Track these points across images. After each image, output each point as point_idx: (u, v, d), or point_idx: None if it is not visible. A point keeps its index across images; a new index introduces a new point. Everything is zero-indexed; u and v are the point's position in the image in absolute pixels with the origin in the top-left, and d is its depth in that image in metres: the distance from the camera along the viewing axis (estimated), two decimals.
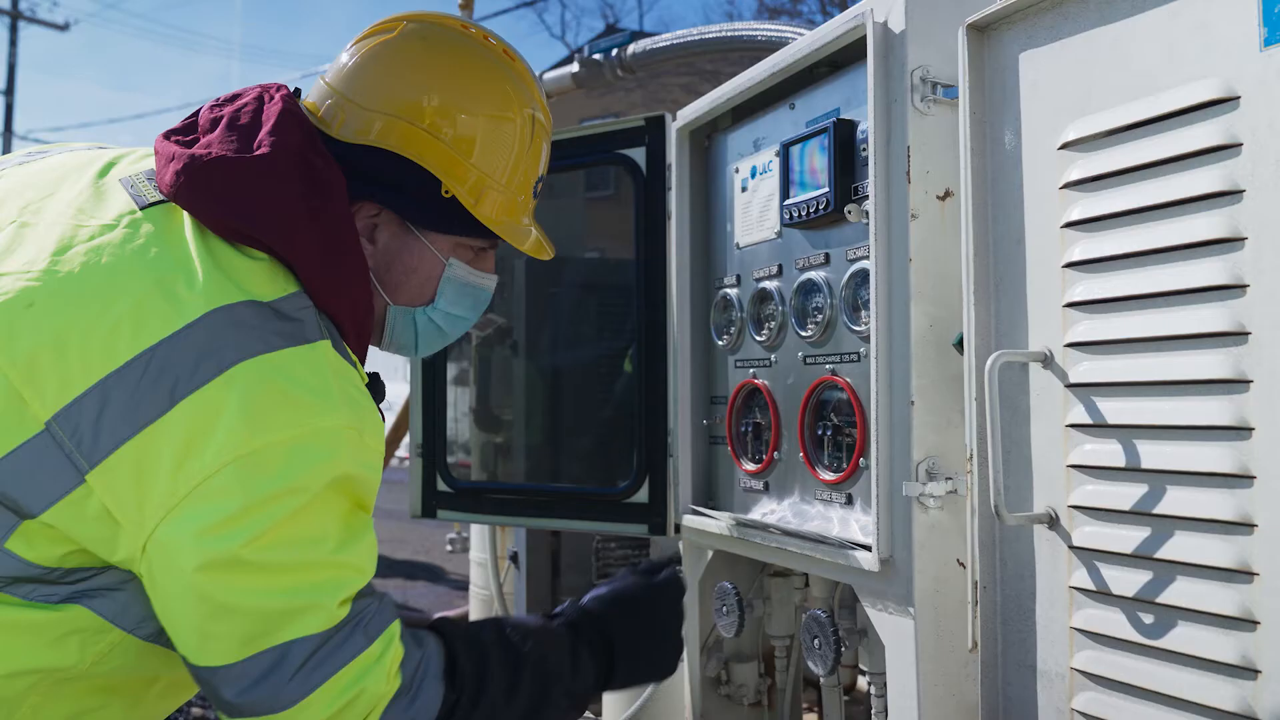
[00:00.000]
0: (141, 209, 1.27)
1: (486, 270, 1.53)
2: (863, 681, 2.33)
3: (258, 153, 1.28)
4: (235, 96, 1.41)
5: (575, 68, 3.63)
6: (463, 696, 1.29)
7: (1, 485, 1.12)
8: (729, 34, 3.25)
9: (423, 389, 2.76)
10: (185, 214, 1.27)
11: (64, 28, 24.49)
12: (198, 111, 1.41)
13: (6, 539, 1.13)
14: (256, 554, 1.12)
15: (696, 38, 3.31)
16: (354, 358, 1.33)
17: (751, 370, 2.13)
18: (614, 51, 3.51)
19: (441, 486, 2.71)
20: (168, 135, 1.36)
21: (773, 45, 3.17)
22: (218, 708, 1.21)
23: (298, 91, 1.47)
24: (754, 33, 3.16)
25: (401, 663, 1.25)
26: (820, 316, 1.89)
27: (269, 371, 1.16)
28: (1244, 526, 1.17)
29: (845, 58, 1.87)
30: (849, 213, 1.77)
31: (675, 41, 3.34)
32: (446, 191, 1.39)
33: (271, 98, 1.39)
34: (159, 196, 1.29)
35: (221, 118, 1.34)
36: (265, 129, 1.31)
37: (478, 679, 1.31)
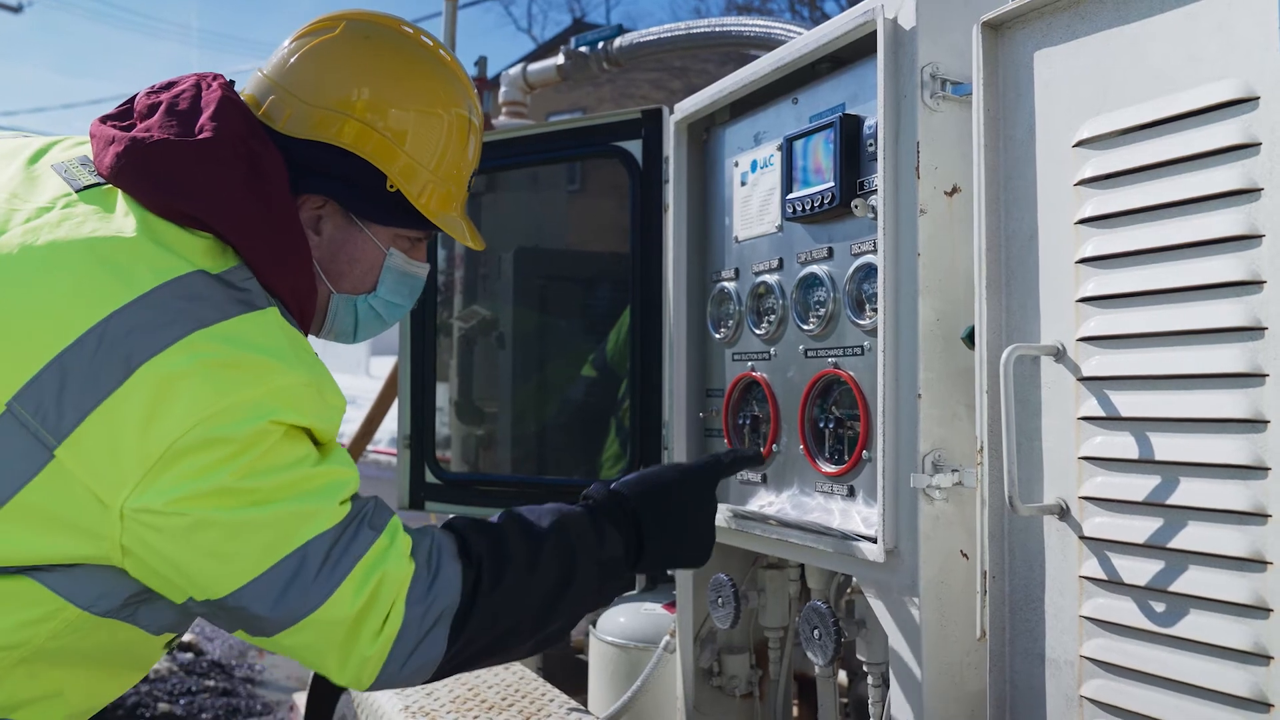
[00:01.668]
0: (77, 192, 1.31)
1: (420, 260, 1.62)
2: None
3: (200, 136, 1.33)
4: (171, 84, 1.45)
5: (561, 60, 3.62)
6: (483, 573, 1.35)
7: None
8: (718, 29, 3.26)
9: (410, 381, 2.75)
10: (123, 195, 1.31)
11: (17, 9, 23.97)
12: (134, 98, 1.45)
13: None
14: (245, 482, 1.19)
15: (684, 32, 3.32)
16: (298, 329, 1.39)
17: (750, 363, 2.14)
18: (600, 44, 3.51)
19: (430, 478, 2.70)
20: (104, 120, 1.40)
21: (760, 41, 3.19)
22: (254, 633, 1.26)
23: (232, 82, 1.51)
24: (743, 28, 3.17)
25: (412, 549, 1.32)
26: (822, 310, 1.91)
27: (226, 336, 1.22)
28: (1258, 517, 1.19)
29: (849, 54, 1.88)
30: (855, 207, 1.79)
31: (663, 36, 3.34)
32: (391, 186, 1.47)
33: (209, 85, 1.43)
34: (95, 180, 1.33)
35: (159, 104, 1.39)
36: (206, 114, 1.36)
37: (496, 556, 1.37)
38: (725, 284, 2.22)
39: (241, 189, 1.32)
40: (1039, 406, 1.47)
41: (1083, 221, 1.40)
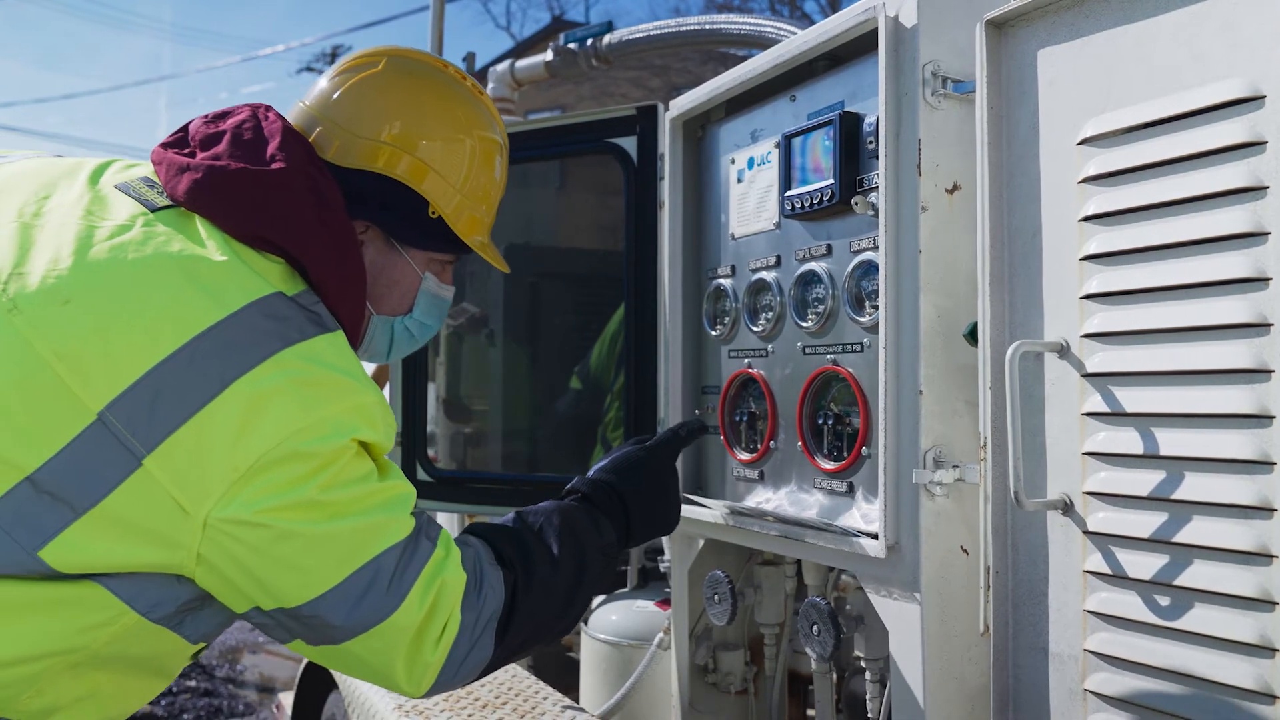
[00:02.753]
0: (152, 211, 1.35)
1: (448, 283, 1.71)
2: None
3: (274, 166, 1.40)
4: (226, 114, 1.52)
5: (550, 56, 3.62)
6: (517, 576, 1.44)
7: (54, 480, 1.16)
8: (708, 27, 3.26)
9: (403, 378, 2.73)
10: (199, 219, 1.36)
11: None
12: (186, 126, 1.51)
13: (49, 542, 1.16)
14: (326, 495, 1.25)
15: (675, 30, 3.32)
16: None
17: (747, 360, 2.14)
18: (589, 41, 3.50)
19: (421, 475, 2.69)
20: (165, 147, 1.45)
21: (751, 39, 3.19)
22: (320, 641, 1.31)
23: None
24: (734, 26, 3.18)
25: (461, 558, 1.39)
26: (821, 307, 1.91)
27: (310, 355, 1.29)
28: (1263, 511, 1.21)
29: (847, 52, 1.89)
30: (855, 204, 1.79)
31: (654, 33, 3.34)
32: (433, 212, 1.56)
33: (266, 116, 1.50)
34: (166, 202, 1.38)
35: (221, 133, 1.45)
36: (273, 145, 1.43)
37: (524, 559, 1.46)
38: (721, 281, 2.22)
39: (312, 216, 1.39)
40: (1042, 402, 1.48)
41: (1087, 219, 1.41)
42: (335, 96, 1.55)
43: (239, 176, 1.36)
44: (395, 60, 1.59)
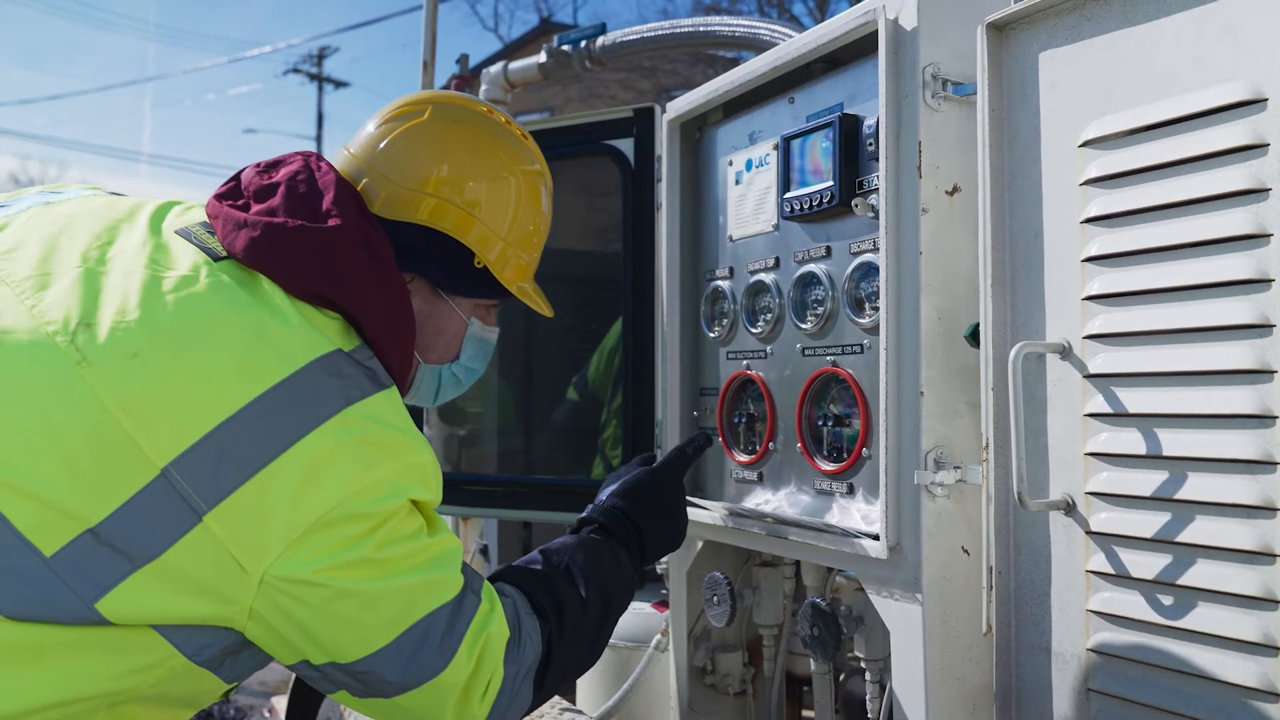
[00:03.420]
0: (215, 260, 1.35)
1: (493, 325, 1.72)
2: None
3: (330, 224, 1.40)
4: (278, 163, 1.53)
5: (543, 58, 3.61)
6: (552, 624, 1.47)
7: (116, 533, 1.16)
8: (702, 29, 3.26)
9: None
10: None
11: None
12: (239, 175, 1.52)
13: (107, 594, 1.16)
14: (381, 553, 1.27)
15: (669, 32, 3.32)
16: None
17: (745, 362, 2.14)
18: (583, 43, 3.50)
19: None
20: (220, 199, 1.45)
21: (746, 41, 3.20)
22: (371, 694, 1.34)
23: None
24: (728, 28, 3.18)
25: (504, 610, 1.42)
26: (821, 309, 1.92)
27: (371, 414, 1.30)
28: (1266, 510, 1.22)
29: (845, 54, 1.90)
30: (855, 206, 1.80)
31: (648, 35, 3.34)
32: (478, 262, 1.57)
33: (319, 167, 1.51)
34: (225, 251, 1.38)
35: (275, 185, 1.45)
36: (328, 199, 1.44)
37: (557, 607, 1.49)
38: (720, 283, 2.23)
39: (367, 273, 1.40)
40: (1045, 403, 1.48)
41: (1088, 221, 1.42)
42: (381, 146, 1.56)
43: (296, 234, 1.37)
44: (440, 108, 1.60)
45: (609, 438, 2.75)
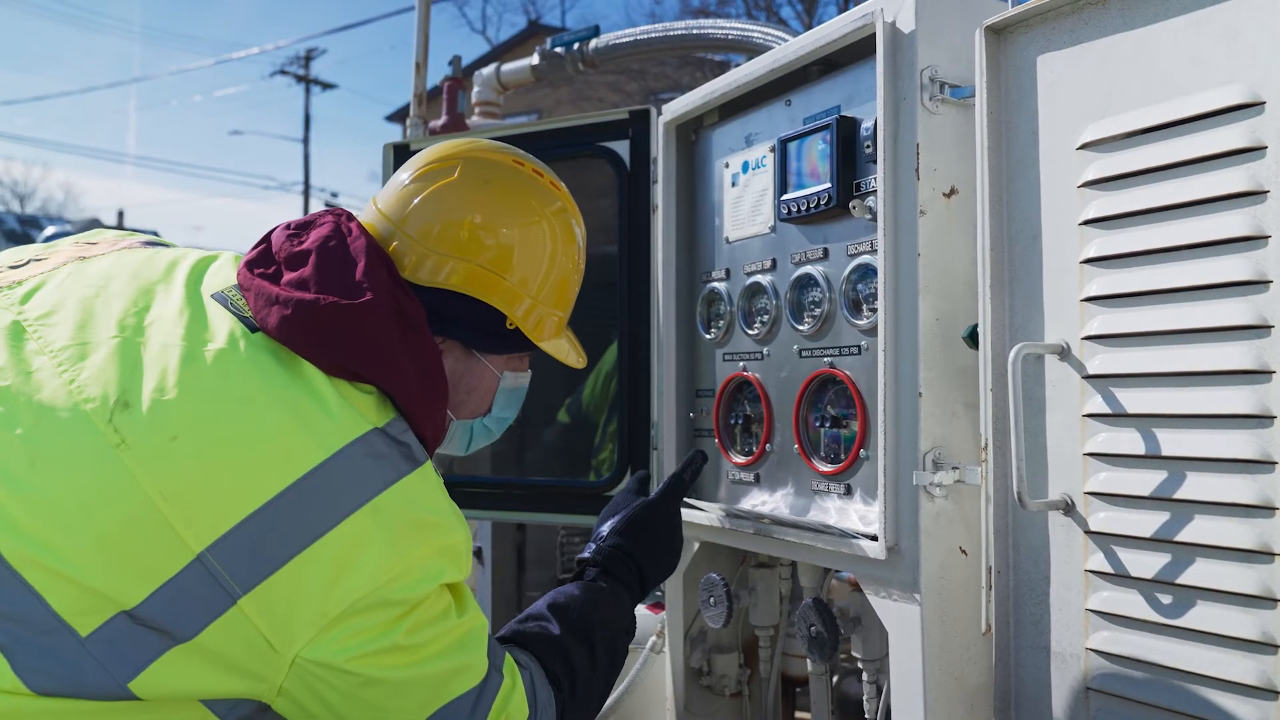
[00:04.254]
0: (251, 331, 1.33)
1: (524, 370, 1.71)
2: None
3: (362, 300, 1.37)
4: (308, 224, 1.50)
5: (536, 60, 3.61)
6: (565, 694, 1.49)
7: (153, 613, 1.16)
8: (695, 32, 3.27)
9: None
10: None
11: None
12: (269, 237, 1.50)
13: (140, 673, 1.16)
14: (410, 638, 1.27)
15: (661, 34, 3.33)
16: None
17: (742, 363, 2.15)
18: (576, 45, 3.51)
19: None
20: (251, 268, 1.42)
21: (739, 44, 3.20)
22: None
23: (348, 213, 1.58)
24: (722, 32, 3.19)
25: (523, 685, 1.43)
26: (818, 310, 1.92)
27: (406, 497, 1.29)
28: (1265, 510, 1.23)
29: (842, 57, 1.90)
30: (853, 208, 1.80)
31: (640, 38, 3.34)
32: (511, 324, 1.56)
33: (349, 230, 1.48)
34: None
35: (306, 253, 1.43)
36: (360, 269, 1.41)
37: (569, 670, 1.51)
38: (716, 284, 2.23)
39: (400, 346, 1.38)
40: (1043, 404, 1.49)
41: (1087, 222, 1.43)
42: (410, 207, 1.53)
43: (329, 312, 1.34)
44: (469, 165, 1.56)
45: (605, 460, 2.75)
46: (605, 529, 1.78)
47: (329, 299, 1.35)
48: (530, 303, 1.57)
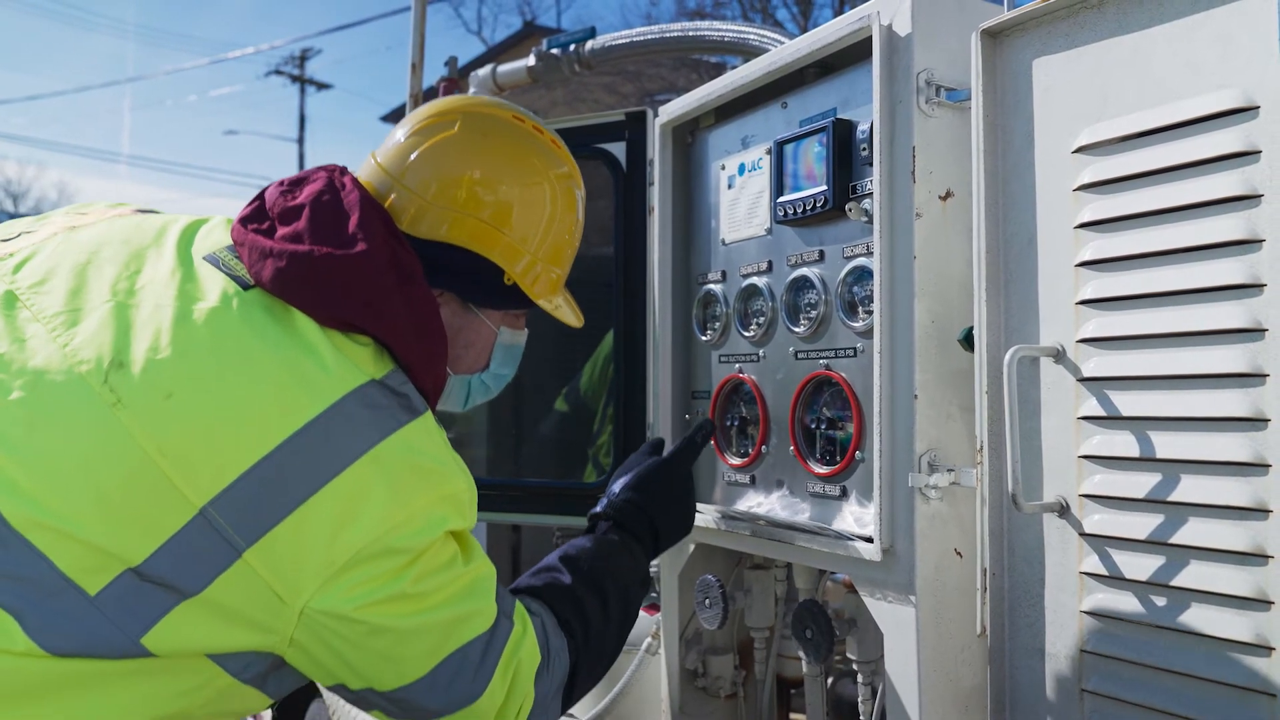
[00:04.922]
0: (244, 289, 1.33)
1: (521, 328, 1.71)
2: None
3: (357, 250, 1.37)
4: (302, 180, 1.50)
5: (532, 61, 3.61)
6: (579, 640, 1.50)
7: (159, 569, 1.17)
8: (692, 34, 3.27)
9: None
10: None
11: None
12: (262, 194, 1.49)
13: (151, 628, 1.17)
14: (417, 586, 1.28)
15: (658, 36, 3.33)
16: None
17: (738, 365, 2.15)
18: (572, 47, 3.50)
19: None
20: (245, 224, 1.43)
21: (735, 46, 3.21)
22: (403, 718, 1.37)
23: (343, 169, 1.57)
24: (718, 33, 3.19)
25: (534, 631, 1.44)
26: (814, 312, 1.93)
27: (406, 445, 1.29)
28: (1259, 512, 1.23)
29: (838, 59, 1.91)
30: (849, 210, 1.81)
31: (637, 39, 3.35)
32: (508, 279, 1.56)
33: (342, 184, 1.48)
34: (253, 279, 1.36)
35: (299, 207, 1.43)
36: (354, 221, 1.41)
37: (582, 621, 1.52)
38: (712, 286, 2.23)
39: (397, 297, 1.38)
40: (1038, 406, 1.50)
41: (1082, 226, 1.43)
42: (409, 160, 1.53)
43: (323, 263, 1.34)
44: (469, 119, 1.56)
45: (603, 445, 2.75)
46: (618, 486, 1.78)
47: (323, 250, 1.35)
48: (529, 259, 1.57)
